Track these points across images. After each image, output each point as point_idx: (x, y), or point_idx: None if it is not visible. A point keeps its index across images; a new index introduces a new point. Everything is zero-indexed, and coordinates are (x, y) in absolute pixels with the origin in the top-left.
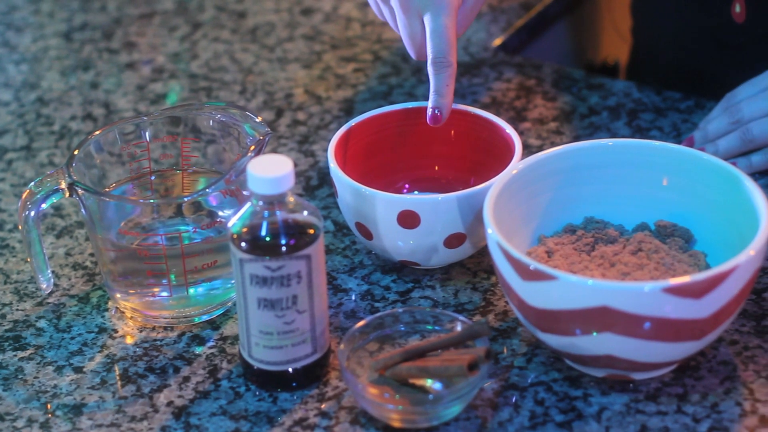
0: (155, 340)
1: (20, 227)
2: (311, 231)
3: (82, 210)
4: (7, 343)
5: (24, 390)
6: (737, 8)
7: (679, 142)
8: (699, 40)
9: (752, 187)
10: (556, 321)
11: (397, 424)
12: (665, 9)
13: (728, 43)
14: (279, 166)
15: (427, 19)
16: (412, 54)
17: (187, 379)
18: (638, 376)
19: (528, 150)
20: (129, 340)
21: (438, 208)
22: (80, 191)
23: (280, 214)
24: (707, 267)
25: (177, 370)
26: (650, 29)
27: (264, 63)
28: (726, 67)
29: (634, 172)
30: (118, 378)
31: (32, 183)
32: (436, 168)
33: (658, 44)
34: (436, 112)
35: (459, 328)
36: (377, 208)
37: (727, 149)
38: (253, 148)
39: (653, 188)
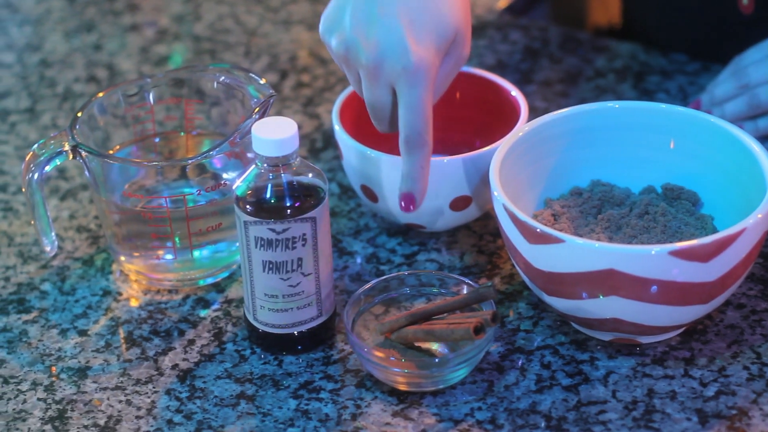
0: (160, 303)
1: (24, 190)
2: (316, 193)
3: (86, 172)
4: (12, 306)
5: (28, 353)
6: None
7: (685, 105)
8: (704, 32)
9: (759, 151)
10: (562, 284)
11: (403, 388)
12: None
13: (734, 35)
14: (284, 128)
15: (400, 91)
16: (379, 127)
17: (192, 342)
18: (645, 339)
19: (534, 112)
20: (133, 303)
21: (444, 171)
22: (84, 153)
23: (285, 177)
24: (714, 230)
25: (182, 333)
26: (654, 22)
27: (268, 25)
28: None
29: (641, 134)
30: (122, 341)
31: (35, 145)
32: (442, 130)
33: (662, 36)
34: (408, 198)
35: (465, 291)
36: (382, 170)
37: (734, 113)
38: (257, 110)
39: (660, 151)
